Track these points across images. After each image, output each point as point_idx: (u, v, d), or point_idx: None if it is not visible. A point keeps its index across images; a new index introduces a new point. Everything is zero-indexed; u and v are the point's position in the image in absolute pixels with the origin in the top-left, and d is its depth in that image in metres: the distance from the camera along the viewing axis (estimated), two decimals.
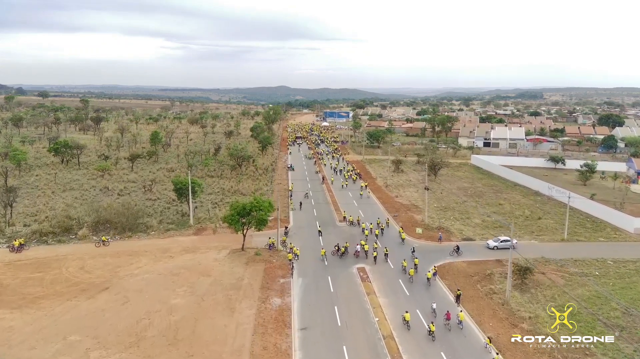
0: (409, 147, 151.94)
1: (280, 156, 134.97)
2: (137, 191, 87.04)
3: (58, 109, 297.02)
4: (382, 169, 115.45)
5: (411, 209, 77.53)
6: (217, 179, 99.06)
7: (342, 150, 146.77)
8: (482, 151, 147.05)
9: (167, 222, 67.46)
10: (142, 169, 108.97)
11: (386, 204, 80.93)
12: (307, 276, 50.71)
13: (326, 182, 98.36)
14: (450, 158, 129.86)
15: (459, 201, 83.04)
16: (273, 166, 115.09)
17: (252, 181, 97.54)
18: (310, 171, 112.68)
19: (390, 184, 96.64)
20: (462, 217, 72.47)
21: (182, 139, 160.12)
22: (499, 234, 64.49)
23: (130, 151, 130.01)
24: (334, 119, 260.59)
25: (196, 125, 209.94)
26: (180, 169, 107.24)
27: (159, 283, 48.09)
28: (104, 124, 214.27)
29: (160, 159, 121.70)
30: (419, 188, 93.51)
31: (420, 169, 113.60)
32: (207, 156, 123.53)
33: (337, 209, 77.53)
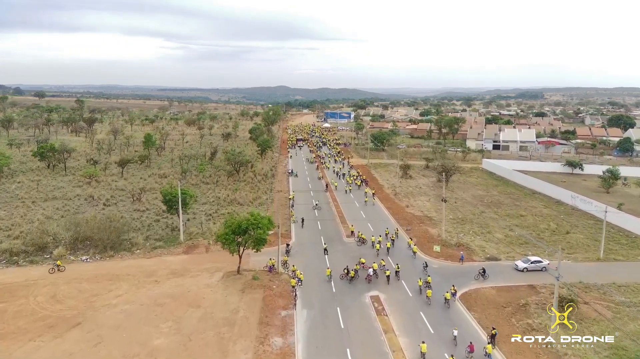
0: (415, 150, 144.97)
1: (281, 160, 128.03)
2: (125, 200, 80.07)
3: (52, 110, 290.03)
4: (389, 175, 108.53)
5: (424, 222, 70.61)
6: (212, 186, 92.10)
7: (345, 153, 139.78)
8: (492, 154, 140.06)
9: (154, 238, 60.44)
10: (133, 175, 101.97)
11: (397, 215, 73.99)
12: (313, 307, 43.76)
13: (330, 189, 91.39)
14: (460, 162, 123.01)
15: (476, 211, 76.11)
16: (273, 171, 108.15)
17: (250, 188, 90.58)
18: (312, 176, 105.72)
19: (399, 191, 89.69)
20: (482, 232, 65.54)
21: (178, 142, 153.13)
22: (526, 252, 57.72)
23: (122, 155, 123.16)
24: (336, 120, 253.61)
25: (193, 126, 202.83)
26: (174, 175, 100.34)
27: (140, 317, 41.15)
28: (98, 125, 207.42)
29: (153, 163, 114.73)
30: (430, 197, 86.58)
31: (430, 175, 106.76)
32: (203, 160, 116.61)
33: (343, 221, 70.55)
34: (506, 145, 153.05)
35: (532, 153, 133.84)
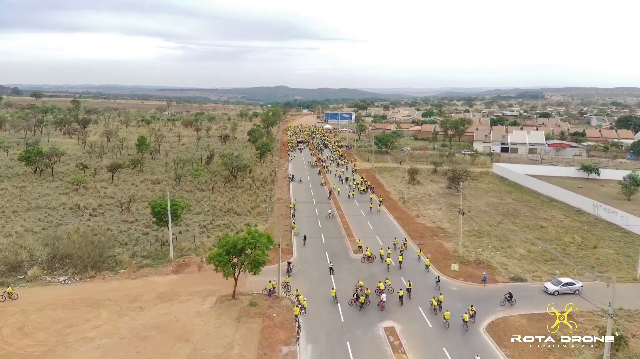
0: (421, 153, 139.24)
1: (281, 164, 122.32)
2: (113, 209, 74.37)
3: (48, 111, 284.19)
4: (395, 180, 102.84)
5: (437, 234, 64.96)
6: (207, 193, 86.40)
7: (348, 156, 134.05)
8: (501, 158, 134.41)
9: (141, 255, 54.69)
10: (125, 180, 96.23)
11: (407, 226, 68.33)
12: (319, 341, 38.05)
13: (334, 197, 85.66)
14: (469, 166, 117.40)
15: (493, 222, 70.46)
16: (272, 177, 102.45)
17: (248, 195, 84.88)
18: (314, 182, 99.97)
19: (408, 199, 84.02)
20: (502, 246, 59.87)
21: (174, 144, 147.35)
22: (552, 270, 52.12)
23: (114, 159, 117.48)
24: (337, 121, 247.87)
25: (190, 128, 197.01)
26: (167, 181, 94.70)
27: (119, 355, 35.48)
28: (93, 126, 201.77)
29: (147, 168, 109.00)
30: (441, 205, 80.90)
31: (439, 180, 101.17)
32: (199, 164, 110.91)
33: (349, 234, 64.83)
34: (515, 147, 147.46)
35: (543, 156, 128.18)
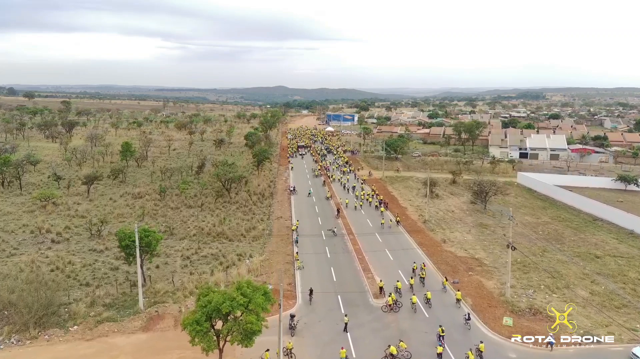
0: (434, 159, 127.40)
1: (280, 172, 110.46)
2: (82, 234, 62.62)
3: (37, 112, 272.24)
4: (409, 192, 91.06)
5: (473, 267, 53.21)
6: (196, 210, 74.65)
7: (354, 163, 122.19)
8: (524, 165, 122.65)
9: (103, 303, 42.83)
10: (103, 194, 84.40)
11: (434, 255, 56.57)
12: None
13: (342, 214, 73.86)
14: (489, 174, 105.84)
15: (536, 249, 58.74)
16: (271, 189, 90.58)
17: (242, 214, 73.09)
18: (319, 195, 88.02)
19: (429, 217, 72.24)
20: (556, 285, 48.10)
21: (164, 149, 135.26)
22: (631, 323, 40.43)
23: (95, 167, 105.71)
24: (339, 123, 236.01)
25: (184, 130, 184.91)
26: (151, 194, 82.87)
27: None
28: (81, 129, 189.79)
29: (130, 178, 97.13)
30: (469, 226, 69.16)
31: (459, 192, 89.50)
32: (188, 174, 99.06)
33: (365, 267, 52.88)
34: (535, 153, 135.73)
35: (569, 164, 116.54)
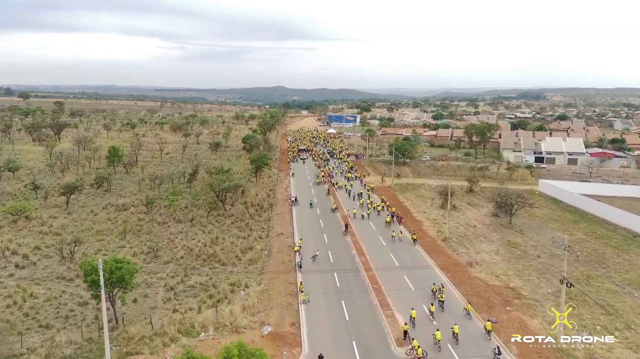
0: (444, 164, 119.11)
1: (280, 179, 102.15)
2: (52, 256, 54.33)
3: (29, 113, 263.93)
4: (423, 203, 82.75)
5: (509, 299, 44.89)
6: (186, 225, 66.38)
7: (359, 169, 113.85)
8: (543, 171, 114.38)
9: (61, 356, 34.51)
10: (84, 205, 76.09)
11: (461, 284, 48.23)
12: None
13: (350, 231, 65.46)
14: (506, 181, 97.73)
15: (580, 275, 50.49)
16: (271, 199, 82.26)
17: (238, 230, 64.77)
18: (323, 207, 79.50)
19: (449, 234, 63.95)
20: (615, 325, 39.81)
21: (156, 153, 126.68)
22: None
23: (80, 174, 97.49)
24: (341, 124, 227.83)
25: (179, 132, 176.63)
26: (137, 206, 74.59)
27: None
28: (72, 131, 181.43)
29: (117, 186, 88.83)
30: (495, 243, 60.90)
31: (478, 203, 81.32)
32: (179, 182, 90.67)
33: (383, 301, 44.20)
34: (551, 157, 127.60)
35: (591, 169, 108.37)
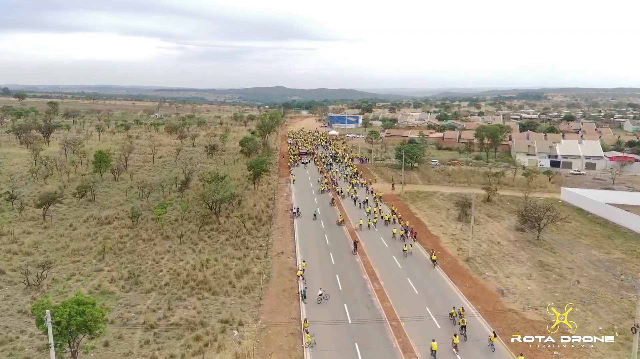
0: (455, 169, 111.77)
1: (280, 186, 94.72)
2: (17, 283, 47.00)
3: (22, 113, 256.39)
4: (437, 214, 75.37)
5: (555, 341, 37.56)
6: (175, 242, 59.01)
7: (365, 174, 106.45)
8: (562, 177, 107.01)
9: None
10: (63, 218, 68.81)
11: (494, 318, 40.71)
12: None
13: (360, 250, 57.95)
14: (524, 188, 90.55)
15: (631, 308, 43.16)
16: (270, 210, 74.84)
17: (233, 248, 57.35)
18: (328, 218, 72.08)
19: (471, 252, 56.59)
20: None
21: (148, 157, 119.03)
22: None
23: (64, 181, 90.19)
24: (343, 126, 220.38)
25: (175, 134, 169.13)
26: (122, 219, 67.28)
27: None
28: (65, 132, 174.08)
29: (102, 195, 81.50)
30: (525, 264, 53.48)
31: (499, 214, 74.03)
32: (171, 189, 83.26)
33: (405, 345, 36.78)
34: (567, 162, 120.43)
35: (614, 176, 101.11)
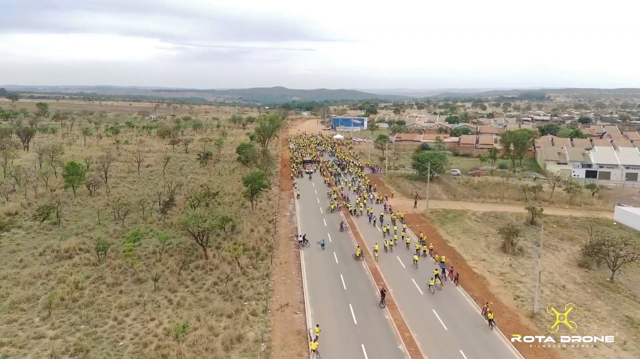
0: (480, 180, 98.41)
1: (283, 203, 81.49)
2: None
3: (9, 115, 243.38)
4: (473, 241, 61.96)
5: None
6: (147, 287, 45.76)
7: (379, 188, 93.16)
8: (607, 191, 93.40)
9: None
10: (16, 249, 55.59)
11: None
12: None
13: (388, 300, 44.58)
14: (567, 206, 77.56)
15: None
16: (271, 236, 61.58)
17: (223, 298, 43.99)
18: (342, 249, 58.94)
19: (536, 306, 43.37)
20: None
21: (133, 167, 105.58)
22: None
23: (28, 198, 77.17)
24: (348, 129, 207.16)
25: (167, 138, 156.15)
26: (86, 252, 54.05)
27: None
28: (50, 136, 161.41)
29: (70, 216, 68.37)
30: (608, 321, 40.33)
31: (552, 243, 60.70)
32: (152, 209, 69.88)
33: None
34: (605, 172, 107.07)
35: None
